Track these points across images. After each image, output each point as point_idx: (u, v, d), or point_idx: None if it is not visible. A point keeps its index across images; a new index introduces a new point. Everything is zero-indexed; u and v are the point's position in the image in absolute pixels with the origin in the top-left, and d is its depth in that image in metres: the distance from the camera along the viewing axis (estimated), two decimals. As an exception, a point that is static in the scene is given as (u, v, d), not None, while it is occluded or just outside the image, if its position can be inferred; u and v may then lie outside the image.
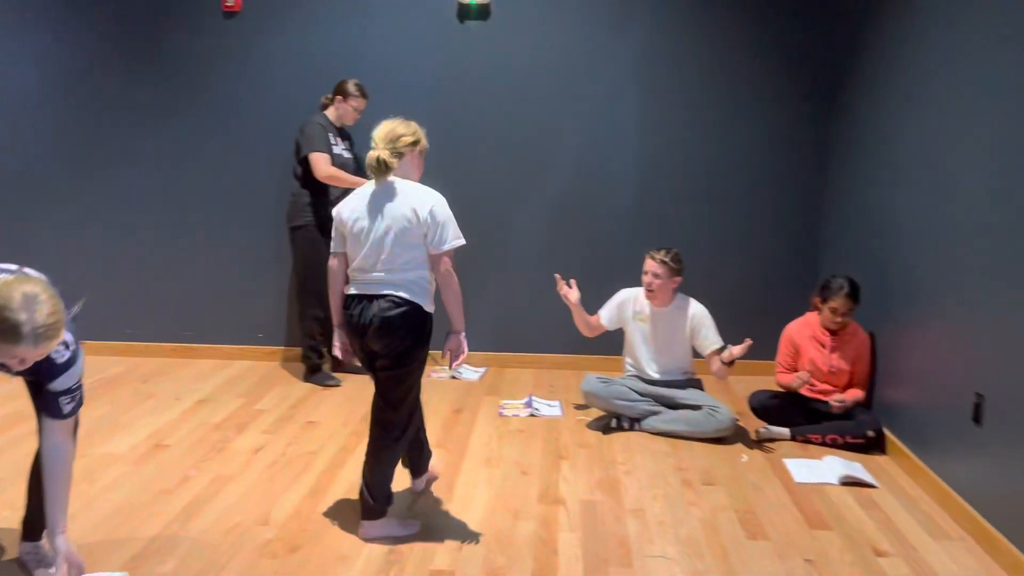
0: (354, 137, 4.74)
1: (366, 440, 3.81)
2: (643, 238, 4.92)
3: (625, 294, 4.18)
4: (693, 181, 4.95)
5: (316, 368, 4.68)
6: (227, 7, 4.83)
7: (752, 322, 4.96)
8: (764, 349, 4.82)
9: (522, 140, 4.93)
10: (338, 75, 4.66)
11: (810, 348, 4.04)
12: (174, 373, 4.85)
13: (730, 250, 4.99)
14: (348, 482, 3.36)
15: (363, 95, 4.53)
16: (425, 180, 4.93)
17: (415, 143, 3.00)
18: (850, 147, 4.50)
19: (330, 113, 4.58)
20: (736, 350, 3.77)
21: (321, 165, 4.41)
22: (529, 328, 5.02)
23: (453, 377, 4.87)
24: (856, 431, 3.80)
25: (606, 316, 4.19)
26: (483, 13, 4.83)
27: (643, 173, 4.94)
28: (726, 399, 4.52)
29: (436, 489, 3.30)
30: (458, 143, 4.94)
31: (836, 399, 3.89)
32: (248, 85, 4.91)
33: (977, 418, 3.02)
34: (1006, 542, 2.80)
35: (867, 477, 3.47)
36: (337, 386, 4.62)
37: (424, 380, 4.78)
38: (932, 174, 3.49)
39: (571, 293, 4.04)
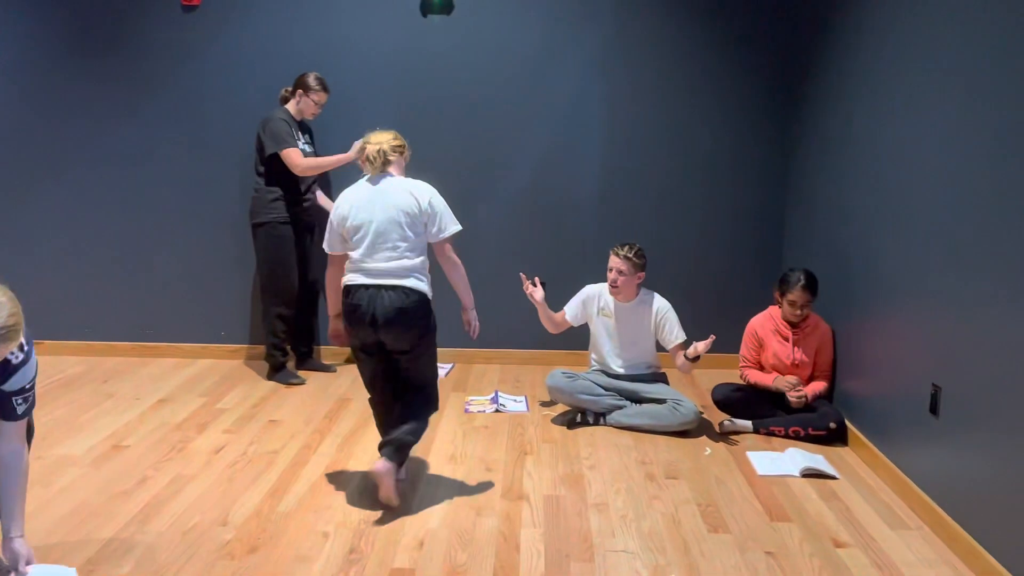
0: (313, 132, 4.69)
1: (328, 438, 3.81)
2: (608, 233, 4.92)
3: (590, 290, 4.19)
4: (658, 175, 4.96)
5: (280, 366, 4.63)
6: (187, 1, 4.76)
7: (716, 316, 4.99)
8: (728, 343, 4.85)
9: (486, 136, 4.91)
10: (300, 70, 4.61)
11: (773, 341, 4.07)
12: (135, 372, 4.77)
13: (694, 244, 5.01)
14: (309, 481, 3.33)
15: (324, 89, 4.48)
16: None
17: (404, 149, 3.23)
18: (812, 141, 4.53)
19: (291, 107, 4.51)
20: (700, 346, 3.79)
21: (297, 159, 4.38)
22: (495, 324, 5.00)
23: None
24: (818, 423, 3.83)
25: (571, 312, 4.19)
26: (446, 7, 4.80)
27: (608, 168, 4.95)
28: (690, 392, 4.54)
29: (400, 484, 3.27)
30: (421, 139, 4.89)
31: (795, 395, 3.91)
32: (209, 81, 4.85)
33: (934, 409, 3.06)
34: (961, 530, 2.84)
35: (828, 469, 3.50)
36: (301, 384, 4.58)
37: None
38: (893, 168, 3.52)
39: (536, 292, 4.04)
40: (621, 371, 4.14)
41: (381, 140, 3.13)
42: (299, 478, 3.36)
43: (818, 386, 4.00)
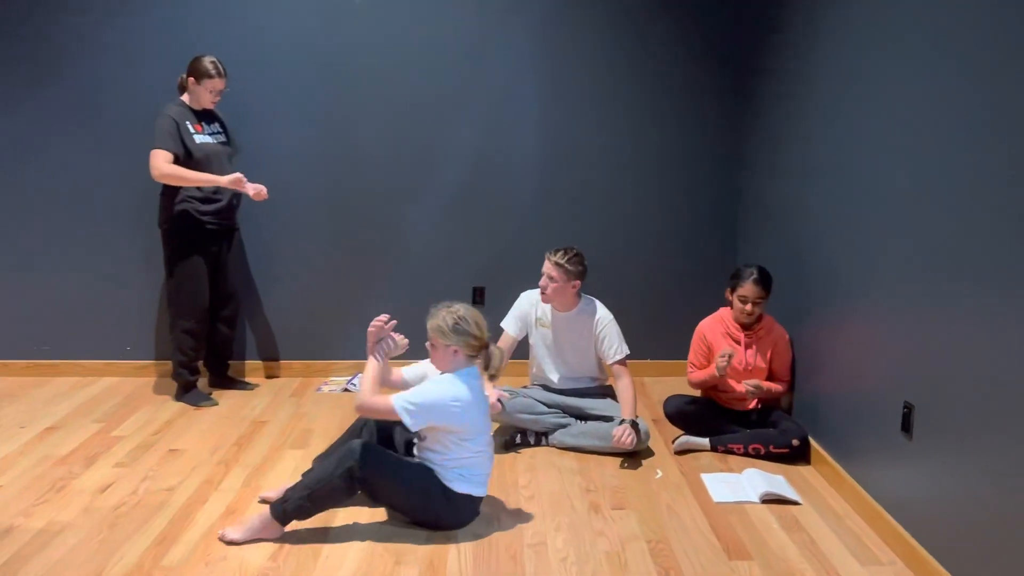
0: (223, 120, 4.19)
1: (235, 470, 3.38)
2: (549, 236, 4.51)
3: (526, 299, 3.80)
4: (601, 173, 4.59)
5: (189, 386, 4.17)
6: (78, -21, 4.25)
7: (667, 319, 4.66)
8: (679, 348, 4.50)
9: (414, 131, 4.49)
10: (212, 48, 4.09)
11: (723, 345, 3.73)
12: (26, 395, 4.27)
13: (642, 245, 4.66)
14: (206, 525, 2.89)
15: (220, 74, 3.95)
16: (306, 173, 4.50)
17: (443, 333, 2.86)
18: (765, 140, 4.20)
19: (186, 97, 4.03)
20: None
21: (159, 163, 3.84)
22: (425, 335, 4.58)
23: (346, 390, 4.42)
24: (780, 440, 3.50)
25: (514, 328, 3.79)
26: (369, -13, 4.36)
27: (546, 165, 4.56)
28: (640, 404, 4.18)
29: (308, 531, 2.85)
30: (341, 134, 4.47)
31: (750, 383, 3.57)
32: (109, 70, 4.34)
33: (907, 428, 2.74)
34: (937, 565, 2.52)
35: (790, 493, 3.17)
36: (213, 406, 4.12)
37: (315, 394, 4.35)
38: (849, 169, 3.20)
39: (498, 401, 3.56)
40: (563, 385, 3.77)
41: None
42: (194, 522, 2.92)
43: (776, 387, 3.67)
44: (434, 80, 4.45)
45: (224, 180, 3.89)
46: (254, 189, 3.96)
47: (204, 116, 4.06)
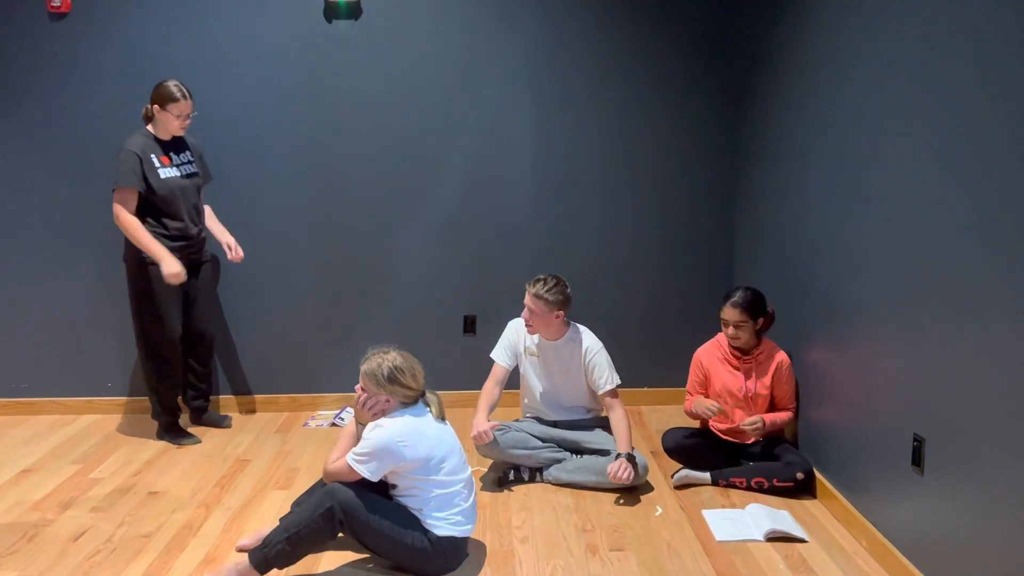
0: (192, 148, 3.99)
1: (216, 513, 3.23)
2: (540, 261, 4.43)
3: (513, 329, 3.67)
4: (595, 194, 4.48)
5: (168, 425, 4.01)
6: (53, 7, 4.15)
7: (663, 346, 4.54)
8: (677, 375, 4.40)
9: (403, 156, 4.38)
10: (185, 84, 3.98)
11: (721, 371, 3.60)
12: (3, 434, 4.12)
13: (637, 270, 4.54)
14: (182, 575, 2.75)
15: (185, 96, 3.75)
16: (292, 200, 4.38)
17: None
18: (763, 157, 4.10)
19: (152, 127, 3.84)
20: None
21: (116, 208, 3.69)
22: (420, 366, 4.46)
23: (334, 424, 4.28)
24: (784, 474, 3.36)
25: (504, 358, 3.65)
26: (353, 12, 4.27)
27: (537, 191, 4.45)
28: (637, 436, 4.05)
29: (290, 579, 2.72)
30: (327, 161, 4.36)
31: (748, 423, 3.44)
32: (78, 96, 4.21)
33: (917, 462, 2.61)
34: (955, 608, 2.39)
35: (796, 530, 3.03)
36: (196, 443, 3.98)
37: (301, 429, 4.20)
38: (850, 186, 3.09)
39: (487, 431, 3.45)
40: (558, 417, 3.64)
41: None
42: (171, 571, 2.77)
43: (782, 416, 3.53)
44: (422, 105, 4.35)
45: (167, 268, 3.66)
46: (229, 250, 3.99)
47: (173, 146, 3.87)
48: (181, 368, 4.03)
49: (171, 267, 3.67)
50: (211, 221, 4.10)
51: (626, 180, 4.48)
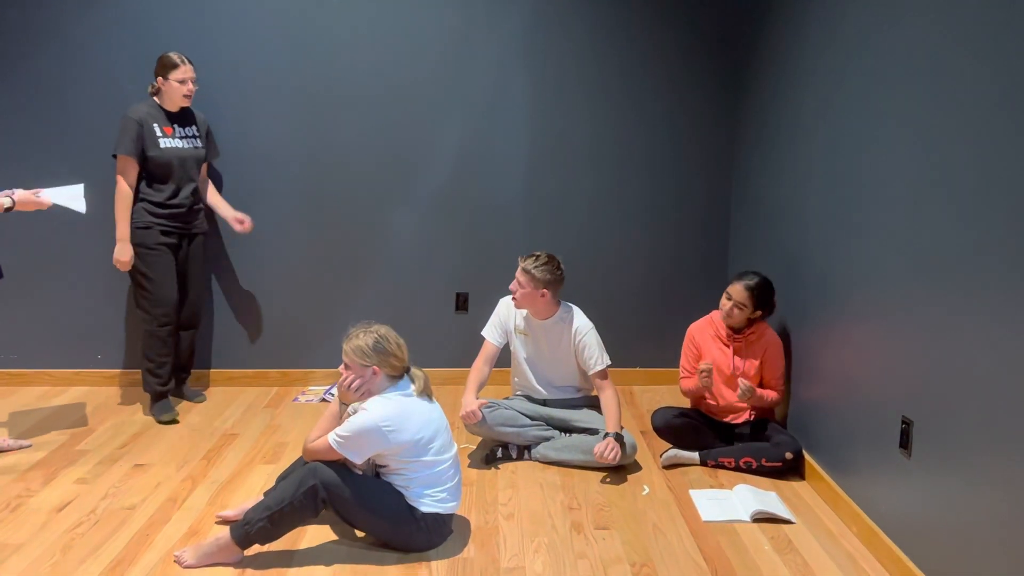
0: (199, 121, 4.00)
1: (201, 486, 3.22)
2: (533, 239, 4.39)
3: (504, 306, 3.64)
4: (587, 176, 4.43)
5: (158, 396, 3.98)
6: (45, -25, 4.09)
7: (656, 326, 4.52)
8: (668, 355, 4.38)
9: (396, 132, 4.33)
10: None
11: (712, 348, 3.58)
12: (-9, 406, 4.11)
13: (630, 249, 4.50)
14: (165, 547, 2.74)
15: (183, 62, 3.78)
16: (284, 176, 4.35)
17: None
18: (759, 139, 4.05)
19: (159, 99, 3.85)
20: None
21: (118, 176, 3.77)
22: (409, 341, 4.42)
23: (323, 400, 4.27)
24: (773, 454, 3.35)
25: (495, 336, 3.62)
26: (348, -18, 4.21)
27: (531, 168, 4.41)
28: (628, 416, 4.03)
29: (272, 554, 2.70)
30: (321, 136, 4.32)
31: (744, 383, 3.40)
32: (71, 65, 4.17)
33: (905, 445, 2.59)
34: (940, 592, 2.37)
35: (782, 512, 3.01)
36: (173, 423, 3.88)
37: (291, 404, 4.19)
38: (846, 167, 3.05)
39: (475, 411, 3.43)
40: (548, 396, 3.62)
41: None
42: (153, 544, 2.76)
43: (771, 394, 3.51)
44: (417, 80, 4.30)
45: (116, 252, 3.78)
46: (238, 224, 4.03)
47: (179, 118, 3.89)
48: (174, 337, 4.00)
49: (121, 253, 3.77)
50: (214, 198, 4.11)
51: (621, 158, 4.43)
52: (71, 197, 3.30)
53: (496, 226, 4.44)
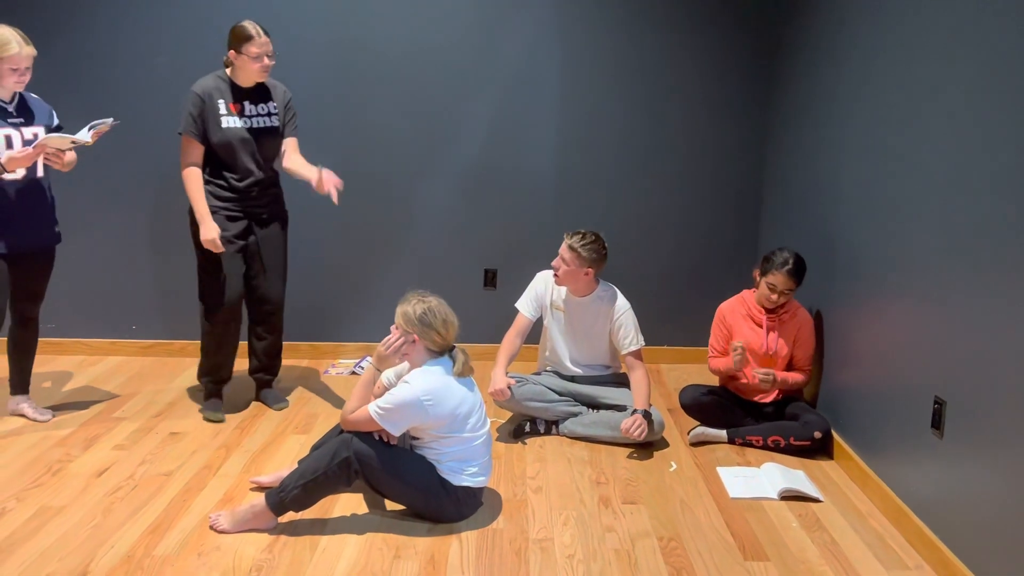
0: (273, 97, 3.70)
1: (235, 454, 3.28)
2: (565, 215, 4.40)
3: (541, 280, 3.66)
4: (619, 153, 4.42)
5: (209, 393, 3.75)
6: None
7: (685, 305, 4.52)
8: (697, 334, 4.37)
9: (429, 105, 4.34)
10: (219, 29, 3.81)
11: (744, 328, 3.57)
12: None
13: (661, 228, 4.49)
14: (201, 512, 2.80)
15: (259, 34, 3.36)
16: (315, 149, 4.36)
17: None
18: (793, 116, 4.02)
19: (231, 72, 3.48)
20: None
21: (182, 155, 3.42)
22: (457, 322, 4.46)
23: (354, 373, 4.32)
24: (801, 433, 3.35)
25: (529, 309, 3.63)
26: (381, -43, 4.21)
27: (566, 144, 4.40)
28: (655, 393, 4.05)
29: (305, 521, 2.76)
30: (353, 113, 4.33)
31: (761, 372, 3.41)
32: (121, 41, 4.21)
33: (937, 425, 2.58)
34: (966, 570, 2.38)
35: (810, 490, 3.02)
36: (219, 421, 3.62)
37: (322, 376, 4.24)
38: (882, 143, 3.02)
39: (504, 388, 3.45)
40: (577, 372, 3.64)
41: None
42: (190, 509, 2.83)
43: (796, 376, 3.50)
44: (448, 57, 4.30)
45: (203, 233, 3.38)
46: (327, 183, 3.49)
47: (252, 95, 3.50)
48: (235, 335, 3.69)
49: (207, 232, 3.39)
50: (291, 162, 3.61)
51: (653, 135, 4.41)
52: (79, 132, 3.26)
53: (525, 204, 4.44)
